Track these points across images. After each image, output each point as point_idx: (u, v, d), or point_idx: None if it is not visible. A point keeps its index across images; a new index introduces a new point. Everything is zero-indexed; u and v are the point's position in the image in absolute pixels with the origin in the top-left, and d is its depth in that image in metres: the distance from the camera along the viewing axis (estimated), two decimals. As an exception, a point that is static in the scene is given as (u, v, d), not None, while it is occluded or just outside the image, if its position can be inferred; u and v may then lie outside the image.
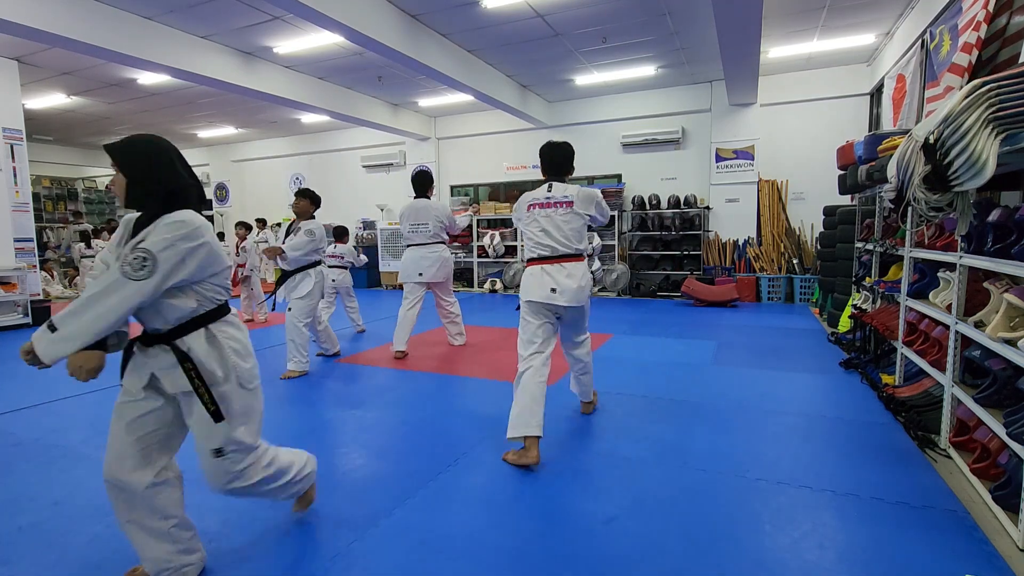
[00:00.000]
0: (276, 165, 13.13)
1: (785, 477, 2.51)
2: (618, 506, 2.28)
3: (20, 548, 2.05)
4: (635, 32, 6.52)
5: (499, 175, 10.68)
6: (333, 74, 8.01)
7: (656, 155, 9.32)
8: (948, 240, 2.97)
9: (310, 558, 1.94)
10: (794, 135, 8.42)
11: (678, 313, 7.26)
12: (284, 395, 3.91)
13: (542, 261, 2.89)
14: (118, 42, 5.62)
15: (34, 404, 3.77)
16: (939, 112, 2.00)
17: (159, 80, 7.75)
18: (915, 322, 3.27)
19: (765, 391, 3.80)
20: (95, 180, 15.92)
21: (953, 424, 2.69)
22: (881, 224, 4.45)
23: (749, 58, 6.20)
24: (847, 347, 4.77)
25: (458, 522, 2.18)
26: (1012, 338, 2.05)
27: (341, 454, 2.87)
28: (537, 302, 2.86)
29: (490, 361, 4.83)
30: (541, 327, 2.88)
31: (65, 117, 10.02)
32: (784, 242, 8.38)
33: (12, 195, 7.09)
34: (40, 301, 7.33)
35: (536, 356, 2.82)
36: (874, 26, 6.44)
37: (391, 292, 10.58)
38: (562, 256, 2.87)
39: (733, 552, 1.95)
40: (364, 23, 5.26)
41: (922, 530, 2.06)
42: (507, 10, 5.78)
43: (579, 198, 2.90)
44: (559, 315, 2.95)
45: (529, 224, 2.96)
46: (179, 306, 1.62)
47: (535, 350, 2.84)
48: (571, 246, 2.89)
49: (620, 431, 3.13)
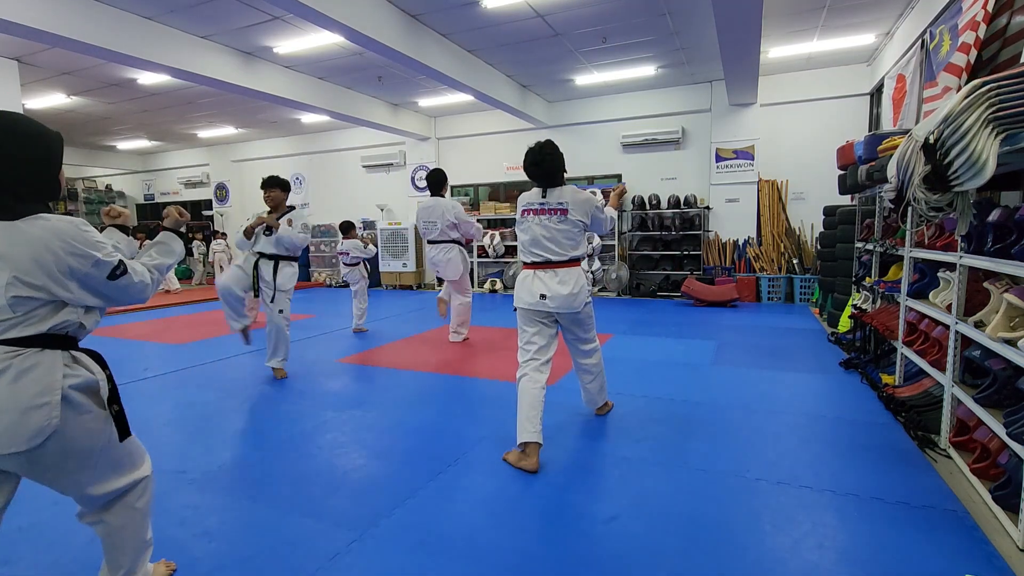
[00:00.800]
0: (276, 165, 13.12)
1: (785, 477, 2.51)
2: (618, 506, 2.28)
3: (20, 548, 2.05)
4: (635, 32, 6.52)
5: (499, 175, 10.68)
6: (333, 74, 8.01)
7: (656, 155, 9.32)
8: (948, 240, 2.97)
9: (310, 558, 1.94)
10: (794, 135, 8.42)
11: (678, 313, 7.26)
12: (284, 395, 3.91)
13: (534, 267, 2.85)
14: (118, 42, 5.62)
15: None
16: (939, 112, 2.00)
17: (159, 80, 7.75)
18: (915, 322, 3.27)
19: (765, 391, 3.80)
20: (95, 180, 15.93)
21: (953, 424, 2.69)
22: (881, 224, 4.45)
23: (749, 58, 6.20)
24: (847, 347, 4.77)
25: (458, 522, 2.18)
26: (1012, 338, 2.05)
27: (341, 454, 2.87)
28: (527, 309, 2.84)
29: (490, 361, 4.83)
30: (537, 334, 2.85)
31: (65, 117, 10.01)
32: (784, 242, 8.38)
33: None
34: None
35: (531, 363, 2.81)
36: (874, 26, 6.44)
37: (391, 292, 10.59)
38: (555, 263, 2.81)
39: (733, 552, 1.95)
40: (364, 23, 5.27)
41: (922, 530, 2.06)
42: (507, 10, 5.78)
43: (574, 204, 2.79)
44: (556, 319, 2.92)
45: (523, 229, 2.88)
46: None
47: (530, 357, 2.82)
48: (564, 254, 2.82)
49: (620, 431, 3.13)
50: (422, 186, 11.22)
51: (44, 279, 1.37)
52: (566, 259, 2.83)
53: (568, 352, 3.18)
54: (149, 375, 4.45)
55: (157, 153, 14.56)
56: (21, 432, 1.35)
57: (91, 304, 1.49)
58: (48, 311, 1.41)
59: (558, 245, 2.81)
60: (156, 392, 4.03)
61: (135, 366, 4.79)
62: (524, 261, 2.92)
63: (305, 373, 4.49)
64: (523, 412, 2.69)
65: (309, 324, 6.96)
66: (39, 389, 1.37)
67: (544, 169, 2.83)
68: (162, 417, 3.51)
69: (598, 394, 3.29)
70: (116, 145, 13.28)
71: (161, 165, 14.73)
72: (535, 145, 2.87)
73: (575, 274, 2.83)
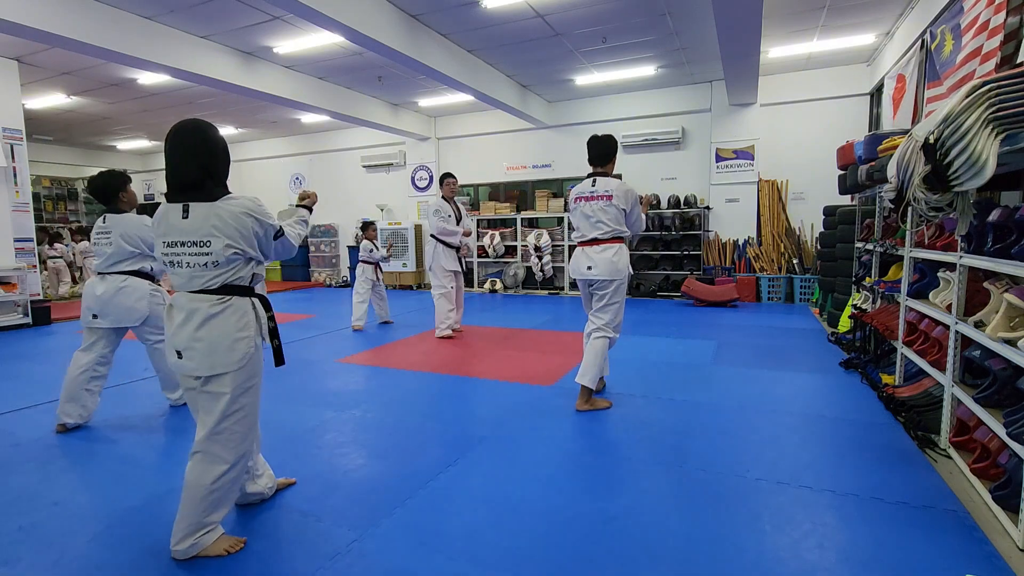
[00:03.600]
0: (276, 165, 13.13)
1: (785, 477, 2.51)
2: (618, 506, 2.28)
3: (20, 548, 2.05)
4: (635, 32, 6.52)
5: (499, 175, 10.68)
6: (333, 74, 8.01)
7: (656, 155, 9.32)
8: (948, 240, 2.97)
9: (310, 558, 1.94)
10: (794, 135, 8.42)
11: (678, 313, 7.26)
12: (284, 395, 3.91)
13: (582, 245, 3.47)
14: (118, 42, 5.62)
15: (34, 404, 3.77)
16: (939, 112, 2.00)
17: (159, 80, 7.75)
18: (915, 322, 3.27)
19: (765, 391, 3.80)
20: (95, 180, 15.92)
21: (953, 424, 2.69)
22: (881, 224, 4.45)
23: (749, 58, 6.20)
24: (847, 347, 4.77)
25: (458, 522, 2.18)
26: (1012, 338, 2.05)
27: (341, 454, 2.87)
28: (578, 279, 3.52)
29: (491, 361, 4.83)
30: (587, 299, 3.59)
31: (65, 117, 10.02)
32: (784, 242, 8.38)
33: (12, 195, 7.10)
34: (40, 301, 7.33)
35: (589, 322, 3.53)
36: (874, 26, 6.44)
37: (391, 292, 10.57)
38: (598, 239, 3.40)
39: (733, 552, 1.95)
40: (364, 23, 5.26)
41: (922, 530, 2.06)
42: (507, 10, 5.78)
43: (618, 193, 3.39)
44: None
45: (575, 214, 3.52)
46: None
47: (589, 316, 3.57)
48: (608, 229, 3.38)
49: (620, 431, 3.13)
50: (422, 186, 11.24)
51: (242, 242, 1.94)
52: (610, 235, 3.40)
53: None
54: (149, 375, 4.45)
55: (157, 153, 14.55)
56: (232, 357, 1.91)
57: (261, 259, 2.05)
58: (242, 265, 1.98)
59: (602, 223, 3.39)
60: (156, 392, 4.03)
61: (135, 366, 4.79)
62: (577, 241, 3.55)
63: (305, 373, 4.49)
64: (584, 361, 3.41)
65: (309, 324, 6.96)
66: (243, 324, 1.95)
67: (601, 149, 3.48)
68: (163, 417, 3.51)
69: (588, 365, 3.42)
70: (116, 145, 13.29)
71: (161, 165, 14.70)
72: (599, 134, 3.57)
73: (616, 247, 3.39)
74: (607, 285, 3.40)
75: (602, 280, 3.39)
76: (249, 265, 2.01)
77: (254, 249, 1.99)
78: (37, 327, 6.92)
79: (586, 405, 3.44)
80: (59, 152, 13.19)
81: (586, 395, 3.45)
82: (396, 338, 5.95)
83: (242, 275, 1.98)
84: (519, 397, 3.78)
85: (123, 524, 2.20)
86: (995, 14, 3.47)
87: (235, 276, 1.96)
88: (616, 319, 3.47)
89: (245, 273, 1.99)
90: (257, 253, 2.01)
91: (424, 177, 11.18)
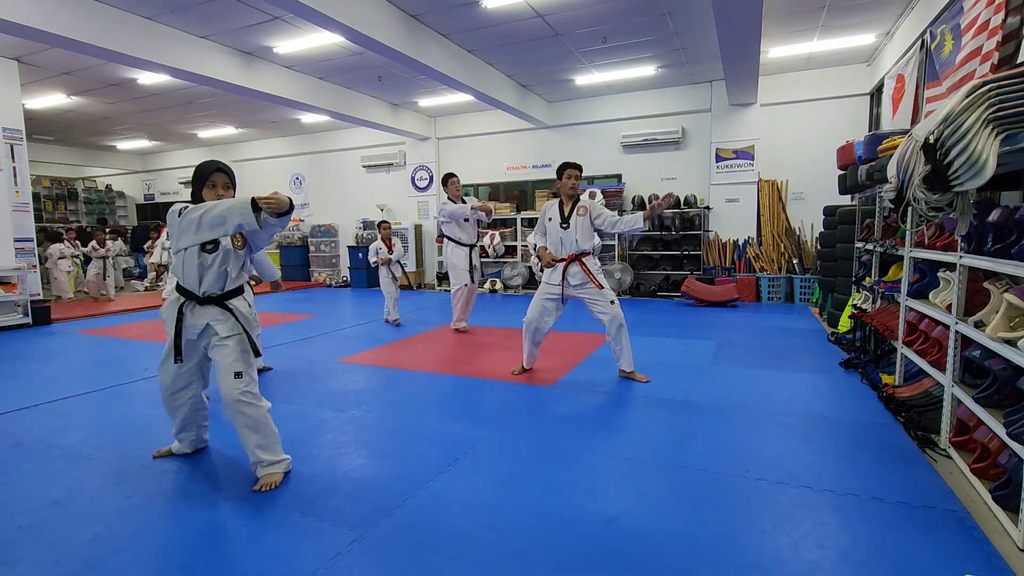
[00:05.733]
0: (276, 165, 13.12)
1: (785, 477, 2.51)
2: (618, 506, 2.28)
3: (20, 548, 2.05)
4: (635, 32, 6.52)
5: (499, 175, 10.68)
6: (333, 74, 8.01)
7: (656, 155, 9.32)
8: (948, 240, 2.97)
9: (311, 558, 1.94)
10: (794, 135, 8.42)
11: (678, 313, 7.26)
12: (284, 395, 3.91)
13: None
14: (118, 42, 5.62)
15: (34, 404, 3.76)
16: (939, 112, 2.00)
17: (159, 80, 7.75)
18: (915, 322, 3.27)
19: (765, 391, 3.80)
20: (95, 180, 15.93)
21: (953, 424, 2.69)
22: (881, 224, 4.45)
23: (749, 58, 6.20)
24: (847, 347, 4.77)
25: (458, 522, 2.17)
26: (1012, 338, 2.05)
27: (341, 454, 2.87)
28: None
29: (491, 361, 4.82)
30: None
31: (65, 117, 10.02)
32: (784, 242, 8.38)
33: (12, 195, 7.09)
34: (40, 301, 7.33)
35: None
36: (874, 26, 6.44)
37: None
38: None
39: (733, 552, 1.95)
40: (364, 23, 5.26)
41: (922, 530, 2.06)
42: (507, 10, 5.78)
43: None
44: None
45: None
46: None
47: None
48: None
49: (620, 431, 3.13)
50: (422, 186, 11.24)
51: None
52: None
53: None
54: (149, 375, 4.45)
55: (157, 153, 14.55)
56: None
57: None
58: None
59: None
60: (156, 392, 4.02)
61: (135, 366, 4.78)
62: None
63: (305, 373, 4.50)
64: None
65: (309, 324, 6.96)
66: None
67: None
68: (163, 417, 3.50)
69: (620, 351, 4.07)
70: (116, 145, 13.29)
71: (161, 165, 14.72)
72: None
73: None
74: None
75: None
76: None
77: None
78: (37, 327, 6.93)
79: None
80: (59, 152, 13.19)
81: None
82: (397, 338, 5.95)
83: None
84: (519, 397, 3.78)
85: (123, 524, 2.20)
86: (995, 14, 3.47)
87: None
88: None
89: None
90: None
91: (424, 177, 11.18)
